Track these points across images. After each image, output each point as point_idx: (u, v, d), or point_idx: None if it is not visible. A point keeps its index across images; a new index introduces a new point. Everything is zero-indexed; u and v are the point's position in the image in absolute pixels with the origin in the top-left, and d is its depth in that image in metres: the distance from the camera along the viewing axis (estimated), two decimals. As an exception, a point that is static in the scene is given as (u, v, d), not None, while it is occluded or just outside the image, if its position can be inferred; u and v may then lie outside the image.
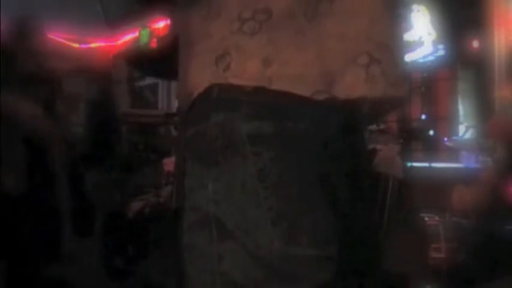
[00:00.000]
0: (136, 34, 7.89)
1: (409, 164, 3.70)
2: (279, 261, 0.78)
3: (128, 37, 8.08)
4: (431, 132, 4.88)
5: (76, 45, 6.88)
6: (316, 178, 0.83)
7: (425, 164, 4.26)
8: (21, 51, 2.72)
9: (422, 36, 4.93)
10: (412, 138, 4.31)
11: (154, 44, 7.31)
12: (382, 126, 3.81)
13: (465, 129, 4.52)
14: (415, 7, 4.97)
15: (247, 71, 0.82)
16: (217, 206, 0.81)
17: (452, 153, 4.50)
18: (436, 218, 3.46)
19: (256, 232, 0.79)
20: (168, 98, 8.14)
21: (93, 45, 7.19)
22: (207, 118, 0.83)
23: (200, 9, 0.88)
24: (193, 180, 0.85)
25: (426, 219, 3.47)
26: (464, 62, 4.78)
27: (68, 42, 6.58)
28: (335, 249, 0.83)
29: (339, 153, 0.87)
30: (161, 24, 7.10)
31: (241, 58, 0.82)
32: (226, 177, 0.81)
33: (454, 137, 4.52)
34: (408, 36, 5.06)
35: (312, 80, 0.81)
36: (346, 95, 0.82)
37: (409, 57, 5.07)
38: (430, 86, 5.15)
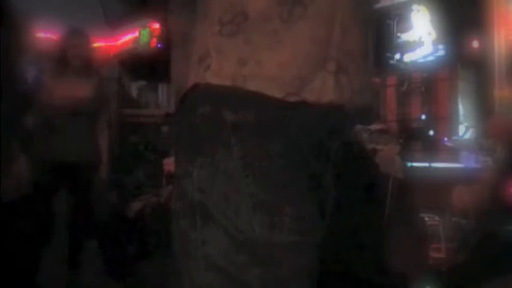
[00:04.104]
0: (136, 34, 7.90)
1: (409, 164, 3.70)
2: (260, 246, 0.81)
3: (128, 37, 8.08)
4: (431, 132, 4.88)
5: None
6: (299, 168, 0.86)
7: (425, 164, 4.26)
8: None
9: (422, 36, 4.94)
10: (412, 138, 4.31)
11: (154, 44, 7.32)
12: (382, 126, 3.81)
13: (465, 129, 4.51)
14: (415, 7, 4.98)
15: (224, 70, 0.86)
16: (201, 193, 0.84)
17: (452, 153, 4.51)
18: (436, 218, 3.46)
19: (238, 218, 0.81)
20: (168, 98, 8.15)
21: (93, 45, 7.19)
22: (194, 110, 0.87)
23: (188, 14, 0.94)
24: (180, 168, 0.88)
25: (426, 219, 3.48)
26: (464, 62, 4.78)
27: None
28: (319, 237, 0.86)
29: (322, 146, 0.90)
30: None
31: (220, 59, 0.86)
32: (210, 165, 0.84)
33: (454, 137, 4.52)
34: (408, 36, 5.07)
35: (285, 81, 0.84)
36: (315, 99, 0.85)
37: (409, 57, 5.08)
38: (430, 86, 5.14)
